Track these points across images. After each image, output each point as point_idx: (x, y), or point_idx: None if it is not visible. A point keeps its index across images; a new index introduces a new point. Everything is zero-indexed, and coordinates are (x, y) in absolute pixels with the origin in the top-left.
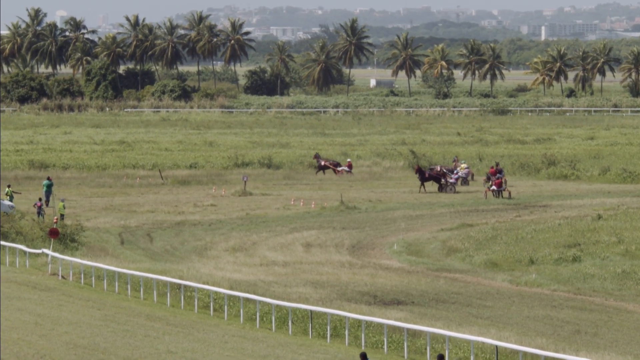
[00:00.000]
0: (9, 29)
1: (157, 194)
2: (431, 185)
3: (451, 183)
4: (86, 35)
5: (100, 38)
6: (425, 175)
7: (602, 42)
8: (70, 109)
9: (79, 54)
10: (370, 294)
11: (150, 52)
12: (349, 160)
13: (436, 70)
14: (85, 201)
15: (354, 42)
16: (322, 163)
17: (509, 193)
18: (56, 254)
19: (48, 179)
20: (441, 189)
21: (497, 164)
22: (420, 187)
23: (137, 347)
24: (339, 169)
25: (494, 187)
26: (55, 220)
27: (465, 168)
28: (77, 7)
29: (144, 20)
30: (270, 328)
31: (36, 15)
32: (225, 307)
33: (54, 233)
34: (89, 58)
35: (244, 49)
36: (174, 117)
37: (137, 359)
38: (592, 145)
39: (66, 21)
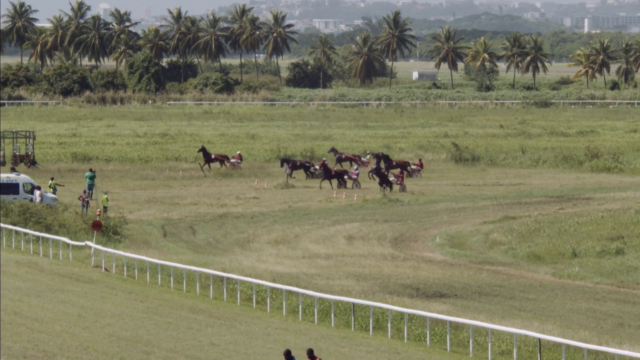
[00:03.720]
0: (52, 22)
1: (199, 186)
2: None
3: (354, 179)
4: (129, 28)
5: (143, 31)
6: (331, 173)
7: None
8: (113, 101)
9: (122, 47)
10: (413, 286)
11: (193, 45)
12: (238, 152)
13: (479, 63)
14: (128, 194)
15: (396, 35)
16: (213, 156)
17: (395, 189)
18: (99, 247)
19: (91, 170)
20: (340, 185)
21: (420, 159)
22: (320, 183)
23: (180, 340)
24: (232, 160)
25: (393, 178)
26: (98, 213)
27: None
28: (119, 0)
29: (186, 13)
30: (313, 320)
31: (79, 8)
32: (268, 299)
33: (97, 225)
34: (131, 51)
35: (286, 41)
36: (216, 109)
37: (179, 351)
38: (636, 138)
39: (111, 13)
